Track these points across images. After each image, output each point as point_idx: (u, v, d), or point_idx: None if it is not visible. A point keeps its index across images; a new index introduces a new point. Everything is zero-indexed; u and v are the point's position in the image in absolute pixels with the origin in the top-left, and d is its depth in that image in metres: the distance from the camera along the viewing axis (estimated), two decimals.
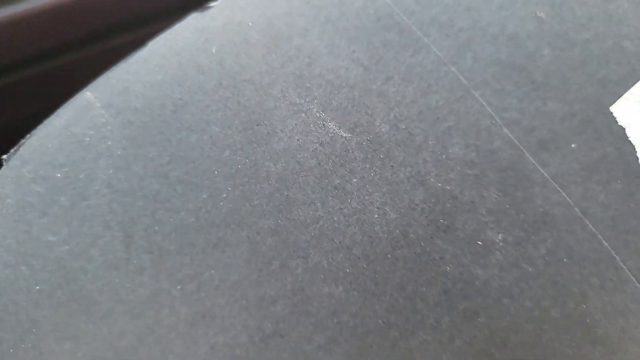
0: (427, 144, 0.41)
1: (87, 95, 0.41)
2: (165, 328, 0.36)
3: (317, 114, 0.42)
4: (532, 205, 0.39)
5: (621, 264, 0.38)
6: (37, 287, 0.37)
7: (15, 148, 0.40)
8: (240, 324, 0.36)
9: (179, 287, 0.37)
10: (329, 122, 0.41)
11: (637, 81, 0.42)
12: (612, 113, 0.41)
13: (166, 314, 0.36)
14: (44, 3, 0.65)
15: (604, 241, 0.38)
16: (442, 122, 0.41)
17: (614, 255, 0.38)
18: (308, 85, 0.43)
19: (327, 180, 0.40)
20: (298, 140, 0.41)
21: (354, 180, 0.40)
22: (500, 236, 0.38)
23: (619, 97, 0.42)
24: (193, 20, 0.44)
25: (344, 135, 0.41)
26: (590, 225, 0.38)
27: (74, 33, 0.69)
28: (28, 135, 0.41)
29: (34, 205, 0.39)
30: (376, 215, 0.39)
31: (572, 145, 0.40)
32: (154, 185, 0.39)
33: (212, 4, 0.45)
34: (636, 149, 0.40)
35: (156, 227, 0.38)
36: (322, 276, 0.37)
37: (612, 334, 0.37)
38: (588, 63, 0.43)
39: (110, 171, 0.40)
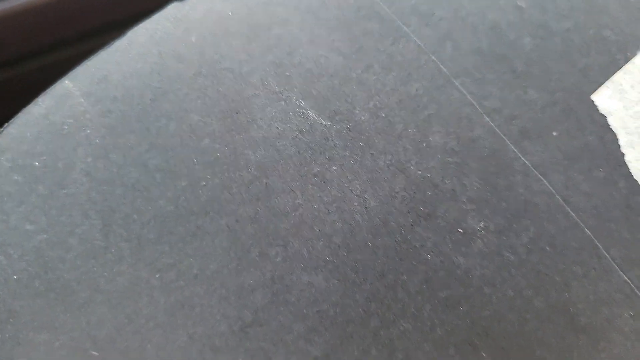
0: (408, 132, 0.41)
1: (66, 84, 0.41)
2: (143, 317, 0.36)
3: (297, 102, 0.41)
4: (513, 194, 0.39)
5: (604, 252, 0.37)
6: (15, 277, 0.36)
7: None
8: (220, 313, 0.36)
9: (157, 276, 0.37)
10: (309, 110, 0.41)
11: (618, 70, 0.42)
12: (593, 101, 0.41)
13: (145, 304, 0.36)
14: None
15: (586, 230, 0.38)
16: (422, 110, 0.41)
17: (597, 243, 0.38)
18: (288, 73, 0.42)
19: (306, 168, 0.40)
20: (277, 128, 0.41)
21: (334, 168, 0.40)
22: (481, 224, 0.38)
23: (600, 85, 0.42)
24: (173, 10, 0.44)
25: (324, 123, 0.41)
26: (572, 214, 0.38)
27: (69, 30, 0.69)
28: (6, 124, 0.41)
29: (12, 194, 0.38)
30: (356, 203, 0.39)
31: (554, 134, 0.40)
32: (133, 174, 0.39)
33: None
34: (618, 137, 0.40)
35: (135, 216, 0.38)
36: (302, 265, 0.37)
37: (596, 323, 0.36)
38: (569, 52, 0.43)
39: (89, 160, 0.40)
